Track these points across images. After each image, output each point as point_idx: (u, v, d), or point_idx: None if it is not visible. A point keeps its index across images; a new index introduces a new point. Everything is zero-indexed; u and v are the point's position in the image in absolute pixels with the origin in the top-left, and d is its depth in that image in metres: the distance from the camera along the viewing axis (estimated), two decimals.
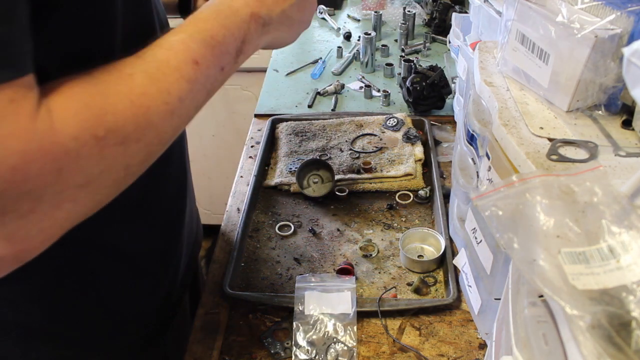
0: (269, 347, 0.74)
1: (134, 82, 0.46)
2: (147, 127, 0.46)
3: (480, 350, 0.73)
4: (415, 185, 0.99)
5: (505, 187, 0.44)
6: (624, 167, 0.54)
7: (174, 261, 0.79)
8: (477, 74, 0.72)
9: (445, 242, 0.85)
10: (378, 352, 0.73)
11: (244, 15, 0.57)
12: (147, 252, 0.73)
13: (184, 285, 0.84)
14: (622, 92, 0.60)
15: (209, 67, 0.52)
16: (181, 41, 0.51)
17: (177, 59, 0.50)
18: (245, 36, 0.57)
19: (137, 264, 0.72)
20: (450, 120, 1.18)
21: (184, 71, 0.50)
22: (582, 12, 0.59)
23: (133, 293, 0.72)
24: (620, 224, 0.40)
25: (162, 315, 0.78)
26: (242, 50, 0.57)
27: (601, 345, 0.33)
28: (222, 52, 0.54)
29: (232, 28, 0.56)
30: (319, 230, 0.92)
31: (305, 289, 0.77)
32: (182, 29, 0.53)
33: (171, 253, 0.78)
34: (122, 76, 0.46)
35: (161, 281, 0.77)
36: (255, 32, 0.59)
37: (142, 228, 0.71)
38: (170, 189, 0.76)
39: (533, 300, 0.41)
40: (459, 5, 1.59)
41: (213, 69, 0.53)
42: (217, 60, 0.54)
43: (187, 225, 0.82)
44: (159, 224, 0.75)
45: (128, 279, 0.71)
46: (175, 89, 0.49)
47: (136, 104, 0.45)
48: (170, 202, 0.77)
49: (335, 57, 1.50)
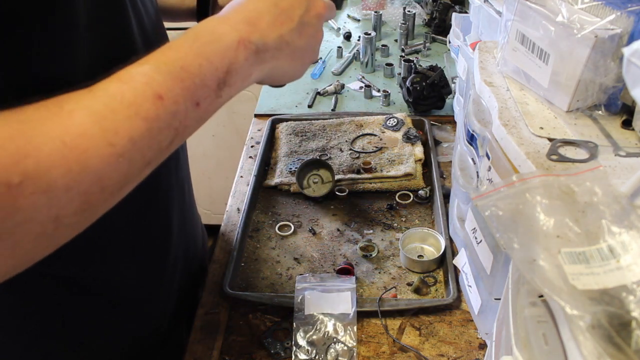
0: (269, 347, 0.74)
1: (73, 120, 0.40)
2: (82, 172, 0.40)
3: (480, 350, 0.73)
4: (415, 185, 1.00)
5: (505, 187, 0.44)
6: (624, 167, 0.54)
7: (159, 294, 0.76)
8: (477, 74, 0.72)
9: (445, 242, 0.85)
10: (378, 352, 0.73)
11: (230, 42, 0.50)
12: (126, 288, 0.70)
13: (176, 314, 0.80)
14: (622, 92, 0.60)
15: (177, 102, 0.46)
16: (143, 73, 0.45)
17: (134, 93, 0.44)
18: (231, 66, 0.50)
19: (113, 299, 0.69)
20: (450, 120, 1.18)
21: (141, 107, 0.43)
22: (582, 12, 0.59)
23: (111, 328, 0.70)
24: (620, 224, 0.40)
25: (149, 348, 0.76)
26: (225, 82, 0.50)
27: (601, 345, 0.33)
28: (196, 85, 0.47)
29: (212, 57, 0.49)
30: (319, 230, 0.92)
31: (305, 289, 0.77)
32: (149, 59, 0.47)
33: (154, 285, 0.75)
34: (59, 113, 0.41)
35: (144, 316, 0.74)
36: (246, 60, 0.52)
37: (122, 264, 0.68)
38: (156, 221, 0.72)
39: (533, 300, 0.41)
40: (459, 5, 1.59)
41: (183, 105, 0.46)
42: (189, 94, 0.47)
43: (177, 250, 0.78)
44: (141, 260, 0.71)
45: (104, 314, 0.68)
46: (126, 128, 0.42)
47: (69, 145, 0.39)
48: (157, 233, 0.73)
49: (335, 57, 1.50)
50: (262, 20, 0.54)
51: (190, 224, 0.84)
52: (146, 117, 0.44)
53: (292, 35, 0.56)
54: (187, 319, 0.84)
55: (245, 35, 0.52)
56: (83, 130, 0.40)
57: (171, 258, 0.76)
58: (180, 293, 0.81)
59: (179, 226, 0.77)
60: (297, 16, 0.57)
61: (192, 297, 0.86)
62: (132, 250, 0.69)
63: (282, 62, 0.57)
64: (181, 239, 0.79)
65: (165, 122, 0.45)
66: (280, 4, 0.56)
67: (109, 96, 0.43)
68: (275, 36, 0.55)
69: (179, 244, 0.78)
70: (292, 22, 0.56)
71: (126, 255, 0.68)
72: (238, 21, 0.52)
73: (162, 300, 0.77)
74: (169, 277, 0.77)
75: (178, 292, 0.80)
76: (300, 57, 0.60)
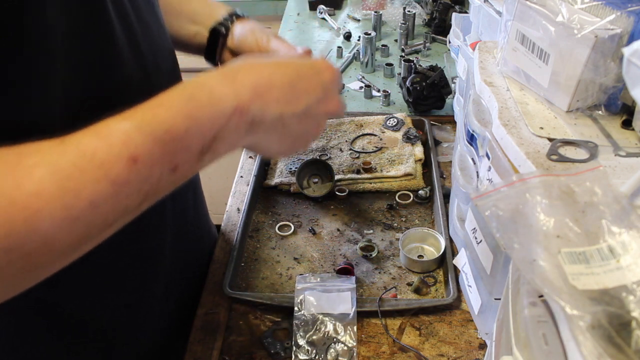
0: (269, 347, 0.74)
1: (31, 177, 0.37)
2: (29, 234, 0.37)
3: (480, 350, 0.73)
4: (415, 185, 1.00)
5: (505, 187, 0.44)
6: (624, 167, 0.54)
7: (149, 323, 0.75)
8: (477, 74, 0.72)
9: (445, 242, 0.85)
10: (378, 352, 0.73)
11: (226, 107, 0.47)
12: (110, 319, 0.68)
13: (172, 332, 0.80)
14: (622, 92, 0.59)
15: (153, 166, 0.43)
16: (123, 131, 0.42)
17: (107, 152, 0.40)
18: (220, 132, 0.47)
19: (100, 335, 0.68)
20: (450, 120, 1.18)
21: (111, 170, 0.40)
22: (582, 12, 0.59)
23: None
24: (620, 224, 0.40)
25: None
26: (210, 148, 0.47)
27: (601, 345, 0.33)
28: (177, 149, 0.44)
29: (203, 120, 0.45)
30: (319, 230, 0.92)
31: (305, 289, 0.77)
32: (135, 114, 0.43)
33: (141, 317, 0.73)
34: (17, 166, 0.38)
35: (134, 345, 0.73)
36: (236, 129, 0.48)
37: (105, 297, 0.66)
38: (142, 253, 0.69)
39: (533, 300, 0.41)
40: (459, 5, 1.59)
41: (158, 169, 0.43)
42: (168, 158, 0.44)
43: (171, 274, 0.76)
44: (125, 292, 0.69)
45: (92, 350, 0.67)
46: (90, 191, 0.39)
47: (19, 205, 0.36)
48: (143, 265, 0.70)
49: (335, 57, 1.50)
50: (270, 93, 0.51)
51: (192, 238, 0.82)
52: (115, 181, 0.40)
53: (292, 118, 0.53)
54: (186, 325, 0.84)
55: (245, 103, 0.48)
56: (39, 189, 0.37)
57: (161, 285, 0.74)
58: (175, 313, 0.80)
59: (174, 251, 0.75)
60: (306, 103, 0.54)
61: (191, 308, 0.84)
62: (114, 282, 0.67)
63: (272, 139, 0.54)
64: (176, 263, 0.77)
65: (135, 187, 0.42)
66: (297, 84, 0.53)
67: (80, 153, 0.40)
68: (276, 113, 0.51)
69: (173, 270, 0.76)
70: (298, 106, 0.53)
71: (108, 288, 0.66)
72: (244, 85, 0.49)
73: (153, 329, 0.76)
74: (160, 305, 0.75)
75: (170, 315, 0.79)
76: (291, 142, 0.57)
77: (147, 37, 0.61)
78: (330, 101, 0.57)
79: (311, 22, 1.73)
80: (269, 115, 0.51)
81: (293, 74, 0.53)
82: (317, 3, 1.76)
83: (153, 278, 0.73)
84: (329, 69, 0.57)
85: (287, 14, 1.81)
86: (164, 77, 0.64)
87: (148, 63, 0.60)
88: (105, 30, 0.53)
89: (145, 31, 0.60)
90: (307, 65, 0.56)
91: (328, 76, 0.56)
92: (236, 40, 0.76)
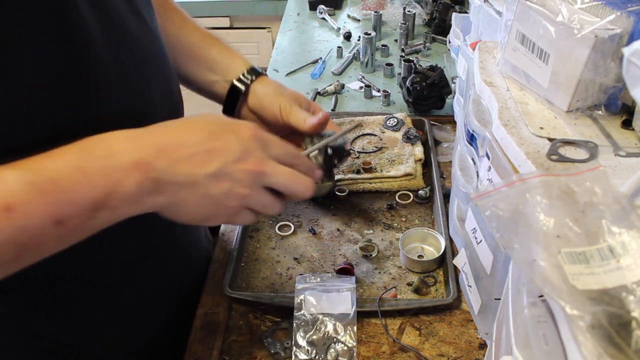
0: (269, 347, 0.74)
1: None
2: None
3: (480, 350, 0.73)
4: (415, 185, 1.00)
5: (505, 187, 0.44)
6: (624, 167, 0.54)
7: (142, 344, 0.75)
8: (477, 74, 0.72)
9: (445, 242, 0.85)
10: (378, 352, 0.73)
11: (124, 162, 0.45)
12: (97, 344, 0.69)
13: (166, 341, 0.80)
14: (622, 92, 0.60)
15: (31, 217, 0.41)
16: (2, 178, 0.41)
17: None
18: (114, 188, 0.45)
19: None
20: (450, 120, 1.18)
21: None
22: (582, 12, 0.59)
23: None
24: (620, 224, 0.40)
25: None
26: (105, 204, 0.44)
27: (601, 345, 0.33)
28: (61, 201, 0.42)
29: (94, 175, 0.44)
30: (319, 230, 0.92)
31: (305, 289, 0.77)
32: (23, 162, 0.42)
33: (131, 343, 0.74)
34: None
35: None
36: (138, 187, 0.46)
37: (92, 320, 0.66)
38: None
39: (533, 300, 0.41)
40: (459, 5, 1.59)
41: (38, 220, 0.41)
42: (51, 210, 0.42)
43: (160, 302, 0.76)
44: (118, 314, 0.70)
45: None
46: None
47: None
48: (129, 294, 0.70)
49: (335, 57, 1.50)
50: (178, 151, 0.48)
51: (182, 255, 0.82)
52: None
53: (206, 179, 0.50)
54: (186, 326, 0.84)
55: (148, 159, 0.46)
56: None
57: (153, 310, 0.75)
58: (169, 328, 0.80)
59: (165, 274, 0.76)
60: (220, 162, 0.51)
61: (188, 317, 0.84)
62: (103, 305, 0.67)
63: (187, 202, 0.50)
64: (168, 291, 0.77)
65: (9, 236, 0.40)
66: (210, 143, 0.50)
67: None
68: (186, 173, 0.49)
69: (161, 302, 0.77)
70: (211, 165, 0.50)
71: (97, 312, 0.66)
72: (149, 142, 0.47)
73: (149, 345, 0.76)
74: (155, 333, 0.76)
75: (163, 329, 0.79)
76: (213, 206, 0.52)
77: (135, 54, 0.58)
78: (250, 160, 0.53)
79: (311, 22, 1.73)
80: (177, 175, 0.48)
81: (205, 132, 0.51)
82: (317, 3, 1.76)
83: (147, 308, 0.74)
84: (247, 127, 0.54)
85: (287, 14, 1.81)
86: (157, 106, 0.62)
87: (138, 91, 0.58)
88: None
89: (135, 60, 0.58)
90: (224, 124, 0.53)
91: (246, 134, 0.53)
92: (258, 101, 0.77)
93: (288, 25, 1.73)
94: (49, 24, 0.46)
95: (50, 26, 0.46)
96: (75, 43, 0.48)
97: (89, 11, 0.50)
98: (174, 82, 0.71)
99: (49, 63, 0.46)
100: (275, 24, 1.98)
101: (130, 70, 0.57)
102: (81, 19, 0.49)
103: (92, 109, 0.51)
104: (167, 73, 0.68)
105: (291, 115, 0.73)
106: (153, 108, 0.61)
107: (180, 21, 0.79)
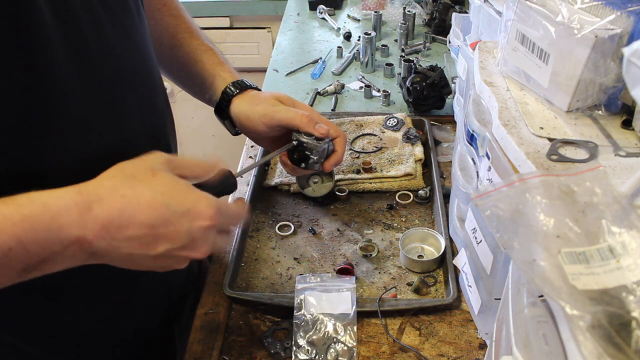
0: (269, 347, 0.74)
1: None
2: None
3: (480, 350, 0.73)
4: (415, 185, 0.99)
5: (505, 187, 0.44)
6: (624, 167, 0.54)
7: None
8: (477, 74, 0.72)
9: (445, 242, 0.85)
10: (378, 352, 0.73)
11: (65, 236, 0.45)
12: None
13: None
14: (622, 92, 0.59)
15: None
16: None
17: None
18: (52, 257, 0.45)
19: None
20: (450, 120, 1.18)
21: None
22: (582, 12, 0.59)
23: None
24: (620, 224, 0.40)
25: None
26: (38, 268, 0.45)
27: (601, 345, 0.33)
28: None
29: (31, 245, 0.44)
30: (319, 230, 0.92)
31: (305, 289, 0.77)
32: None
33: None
34: None
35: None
36: (73, 257, 0.47)
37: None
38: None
39: (533, 300, 0.41)
40: (459, 5, 1.59)
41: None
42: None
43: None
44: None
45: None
46: None
47: None
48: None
49: (335, 57, 1.50)
50: (123, 231, 0.48)
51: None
52: None
53: (144, 259, 0.51)
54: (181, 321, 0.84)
55: (89, 237, 0.46)
56: None
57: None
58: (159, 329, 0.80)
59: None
60: (164, 249, 0.51)
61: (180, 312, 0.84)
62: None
63: (122, 264, 0.52)
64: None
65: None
66: (160, 228, 0.50)
67: None
68: (126, 253, 0.49)
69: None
70: (154, 250, 0.50)
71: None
72: (95, 219, 0.47)
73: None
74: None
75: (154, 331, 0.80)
76: (146, 269, 0.54)
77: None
78: (196, 249, 0.53)
79: (311, 22, 1.73)
80: (115, 253, 0.49)
81: (159, 216, 0.50)
82: (317, 3, 1.76)
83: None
84: (206, 214, 0.53)
85: (287, 14, 1.81)
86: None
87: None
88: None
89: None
90: (182, 205, 0.51)
91: (201, 224, 0.52)
92: (240, 123, 0.81)
93: (288, 25, 1.73)
94: (9, 44, 0.46)
95: (10, 43, 0.46)
96: (40, 74, 0.49)
97: (56, 33, 0.50)
98: (160, 94, 0.70)
99: (7, 89, 0.47)
100: (275, 24, 1.98)
101: (104, 96, 0.56)
102: (45, 36, 0.49)
103: (55, 152, 0.52)
104: (150, 87, 0.66)
105: (276, 115, 0.77)
106: (131, 136, 0.61)
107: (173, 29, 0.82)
